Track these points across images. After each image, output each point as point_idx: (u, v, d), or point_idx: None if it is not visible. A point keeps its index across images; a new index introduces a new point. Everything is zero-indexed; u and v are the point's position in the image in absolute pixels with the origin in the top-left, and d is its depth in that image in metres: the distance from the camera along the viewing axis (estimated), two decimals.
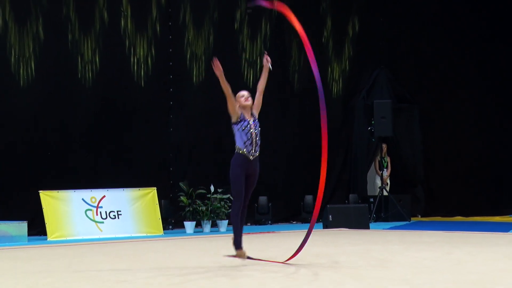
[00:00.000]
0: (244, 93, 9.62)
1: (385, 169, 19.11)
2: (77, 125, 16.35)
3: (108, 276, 9.10)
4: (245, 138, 9.28)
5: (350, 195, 19.03)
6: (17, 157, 15.65)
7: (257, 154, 9.41)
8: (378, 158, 19.19)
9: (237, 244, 9.56)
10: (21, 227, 14.48)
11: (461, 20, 20.93)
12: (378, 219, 18.64)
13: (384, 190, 18.91)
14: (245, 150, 9.29)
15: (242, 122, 9.33)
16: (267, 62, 9.60)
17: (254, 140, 9.33)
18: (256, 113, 9.59)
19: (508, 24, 22.00)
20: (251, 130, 9.34)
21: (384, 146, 19.12)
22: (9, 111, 15.67)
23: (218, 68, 9.48)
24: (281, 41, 18.99)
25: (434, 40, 20.55)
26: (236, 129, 9.38)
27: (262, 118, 9.61)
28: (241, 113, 9.38)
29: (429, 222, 18.61)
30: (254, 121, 9.45)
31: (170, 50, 17.36)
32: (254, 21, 18.35)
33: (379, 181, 19.13)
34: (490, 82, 21.46)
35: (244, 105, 9.49)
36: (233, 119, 9.43)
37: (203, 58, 17.67)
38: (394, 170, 19.53)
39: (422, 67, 20.41)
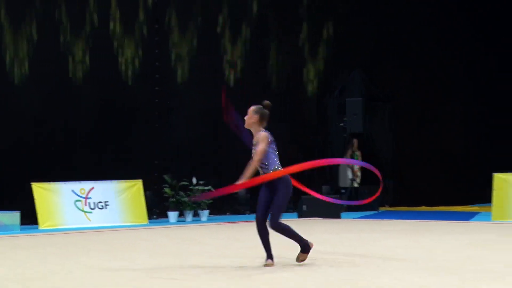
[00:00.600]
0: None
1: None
2: (68, 121, 16.22)
3: (95, 262, 9.02)
4: (276, 158, 8.48)
5: (323, 187, 19.02)
6: (10, 151, 15.48)
7: (263, 171, 8.47)
8: (350, 152, 19.16)
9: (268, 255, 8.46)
10: (14, 216, 14.43)
11: (432, 22, 20.97)
12: (349, 209, 18.62)
13: (354, 182, 18.98)
14: (279, 168, 8.44)
15: (273, 144, 8.43)
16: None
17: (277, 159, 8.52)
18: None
19: (482, 20, 22.00)
20: (276, 149, 8.53)
21: (355, 141, 19.14)
22: (4, 108, 15.52)
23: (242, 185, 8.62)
24: (260, 44, 18.86)
25: (408, 42, 20.60)
26: (269, 151, 8.35)
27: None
28: (269, 134, 8.41)
29: (397, 212, 18.63)
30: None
31: (156, 51, 17.28)
32: (235, 25, 18.31)
33: (350, 173, 19.16)
34: (458, 79, 21.56)
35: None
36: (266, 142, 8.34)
37: (187, 59, 17.65)
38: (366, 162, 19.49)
39: (396, 68, 20.39)
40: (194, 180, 16.16)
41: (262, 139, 8.24)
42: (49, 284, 7.34)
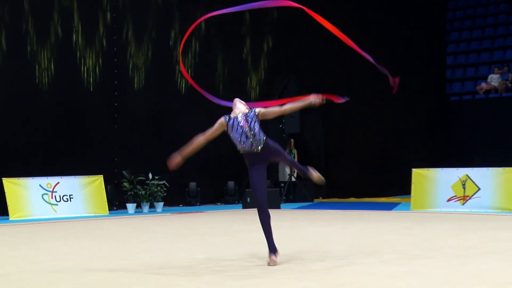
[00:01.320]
0: (238, 104, 7.43)
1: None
2: (36, 123, 16.11)
3: (60, 250, 9.12)
4: (237, 136, 7.08)
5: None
6: None
7: (261, 144, 7.08)
8: (287, 150, 19.34)
9: (273, 248, 7.20)
10: None
11: (358, 36, 21.16)
12: (287, 200, 18.83)
13: (292, 177, 19.13)
14: (244, 147, 7.09)
15: (229, 122, 7.17)
16: (317, 100, 7.88)
17: (248, 133, 7.07)
18: (256, 110, 7.31)
19: (403, 32, 22.39)
20: (240, 123, 7.10)
21: (292, 140, 19.31)
22: None
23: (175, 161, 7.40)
24: (208, 56, 18.96)
25: (335, 54, 20.75)
26: (229, 134, 7.21)
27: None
28: (224, 116, 7.27)
29: (329, 203, 18.84)
30: (247, 114, 7.20)
31: (115, 60, 17.27)
32: (186, 39, 18.33)
33: (288, 169, 19.32)
34: (381, 86, 21.76)
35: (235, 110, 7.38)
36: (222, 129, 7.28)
37: (143, 68, 17.69)
38: (301, 160, 19.71)
39: (325, 76, 20.60)
40: (150, 175, 16.24)
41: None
42: (15, 267, 7.46)
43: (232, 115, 7.22)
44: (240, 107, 7.32)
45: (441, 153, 22.58)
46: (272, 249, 7.14)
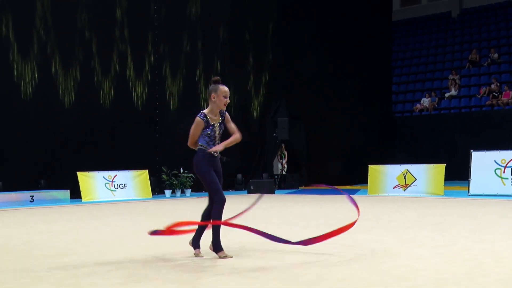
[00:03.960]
0: (228, 94, 5.59)
1: (283, 159, 19.29)
2: (100, 134, 16.01)
3: (117, 223, 9.14)
4: (207, 139, 5.57)
5: (263, 174, 19.16)
6: (58, 151, 15.31)
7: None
8: (279, 152, 19.36)
9: (217, 248, 5.53)
10: (65, 193, 14.46)
11: (326, 64, 21.30)
12: (280, 188, 18.82)
13: (283, 170, 19.14)
14: (208, 147, 5.56)
15: (205, 130, 5.56)
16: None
17: (215, 140, 5.60)
18: (226, 116, 5.71)
19: (364, 56, 22.42)
20: (216, 134, 5.59)
21: (283, 145, 19.30)
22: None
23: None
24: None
25: (312, 80, 20.84)
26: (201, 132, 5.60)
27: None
28: (206, 120, 5.54)
29: (310, 190, 18.76)
30: (220, 123, 5.62)
31: (157, 88, 17.24)
32: (207, 76, 18.38)
33: (280, 165, 19.32)
34: (351, 101, 21.92)
35: (221, 107, 5.59)
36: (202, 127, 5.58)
37: (177, 95, 17.60)
38: (288, 159, 19.71)
39: (309, 96, 20.60)
40: (181, 170, 16.25)
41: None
42: (84, 235, 7.45)
43: (211, 120, 5.56)
44: (216, 110, 5.60)
45: (389, 154, 22.62)
46: (220, 248, 5.51)
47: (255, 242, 6.39)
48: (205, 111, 5.61)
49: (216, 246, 5.54)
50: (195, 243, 5.69)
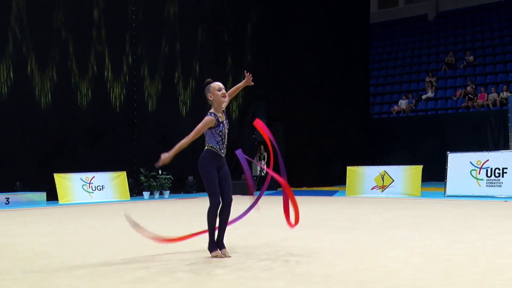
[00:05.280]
0: (221, 86, 5.66)
1: (262, 160, 19.29)
2: (78, 136, 15.92)
3: (96, 224, 9.06)
4: (218, 138, 5.50)
5: (242, 175, 19.07)
6: (38, 154, 15.17)
7: (225, 151, 5.66)
8: (258, 153, 19.36)
9: (212, 247, 5.52)
10: (42, 195, 14.32)
11: (315, 63, 21.43)
12: (258, 189, 18.77)
13: (262, 172, 19.13)
14: (217, 147, 5.49)
15: (217, 128, 5.49)
16: (249, 79, 6.21)
17: (225, 139, 5.59)
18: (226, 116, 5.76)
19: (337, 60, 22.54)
20: (225, 131, 5.59)
21: (261, 146, 19.30)
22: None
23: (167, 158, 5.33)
24: (202, 91, 18.77)
25: (291, 84, 20.93)
26: (210, 131, 5.49)
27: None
28: (216, 118, 5.49)
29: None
30: (226, 119, 5.66)
31: (135, 89, 17.19)
32: (187, 78, 18.34)
33: (258, 167, 19.31)
34: (330, 103, 22.05)
35: (221, 102, 5.58)
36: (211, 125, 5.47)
37: (155, 96, 17.56)
38: (268, 160, 19.72)
39: (287, 98, 20.69)
40: (160, 171, 16.17)
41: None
42: (64, 237, 7.39)
43: (220, 117, 5.56)
44: (220, 107, 5.63)
45: (367, 155, 22.77)
46: (214, 247, 5.54)
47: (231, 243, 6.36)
48: (212, 110, 5.57)
49: (210, 246, 5.55)
50: (220, 244, 5.59)
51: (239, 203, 7.00)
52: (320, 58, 22.07)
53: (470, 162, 13.93)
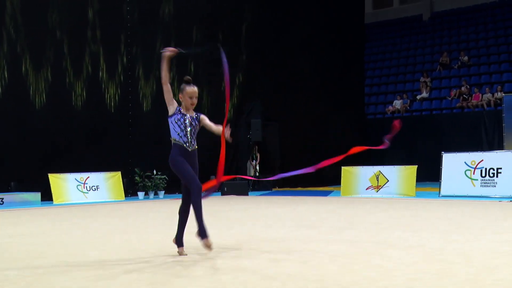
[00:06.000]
0: (194, 94, 5.73)
1: (255, 160, 19.30)
2: (72, 135, 15.86)
3: (90, 225, 9.03)
4: (178, 130, 5.53)
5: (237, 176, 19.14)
6: (34, 154, 15.11)
7: (195, 147, 5.60)
8: (252, 154, 19.36)
9: (203, 234, 5.46)
10: (36, 195, 14.29)
11: (310, 63, 21.44)
12: (253, 189, 18.82)
13: (256, 172, 19.13)
14: (180, 140, 5.51)
15: (175, 115, 5.58)
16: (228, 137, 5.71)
17: (188, 132, 5.55)
18: (200, 116, 5.77)
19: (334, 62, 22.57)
20: (186, 122, 5.58)
21: (256, 146, 19.32)
22: None
23: (170, 50, 5.94)
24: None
25: (288, 83, 20.95)
26: (170, 121, 5.60)
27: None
28: (178, 107, 5.66)
29: (283, 191, 18.86)
30: (193, 118, 5.67)
31: (130, 89, 17.15)
32: (181, 78, 18.33)
33: (252, 168, 19.31)
34: (325, 103, 22.07)
35: (188, 107, 5.68)
36: (170, 111, 5.65)
37: (150, 97, 17.55)
38: (262, 161, 19.72)
39: (282, 98, 20.70)
40: (154, 172, 16.16)
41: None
42: (57, 237, 7.37)
43: (183, 110, 5.65)
44: (189, 107, 5.70)
45: (361, 155, 22.72)
46: (206, 234, 5.45)
47: (228, 241, 6.36)
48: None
49: (201, 233, 5.45)
50: (179, 241, 5.67)
51: (233, 202, 6.98)
52: (315, 58, 22.10)
53: (465, 162, 13.97)
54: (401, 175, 14.83)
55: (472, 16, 28.16)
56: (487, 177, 13.60)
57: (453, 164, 14.15)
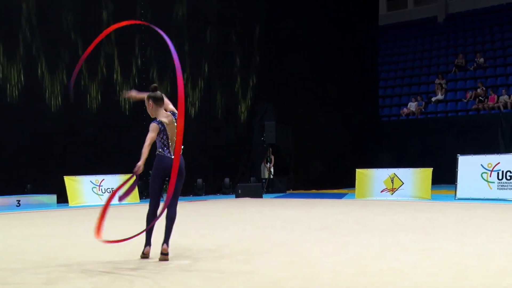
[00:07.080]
0: (148, 102, 5.99)
1: (269, 163, 19.29)
2: (87, 139, 15.90)
3: (104, 227, 9.06)
4: (165, 142, 5.81)
5: (251, 178, 19.16)
6: (46, 157, 15.17)
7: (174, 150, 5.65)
8: (266, 156, 19.35)
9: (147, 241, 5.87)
10: (52, 197, 14.36)
11: (324, 66, 21.42)
12: (267, 192, 18.80)
13: (270, 174, 19.12)
14: (164, 151, 5.84)
15: (160, 134, 5.79)
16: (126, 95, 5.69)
17: (172, 138, 5.78)
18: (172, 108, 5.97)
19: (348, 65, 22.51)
20: (171, 131, 5.77)
21: (270, 149, 19.30)
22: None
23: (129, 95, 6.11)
24: (209, 91, 18.92)
25: (303, 88, 20.91)
26: (157, 138, 5.82)
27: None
28: (159, 122, 5.80)
29: (297, 194, 18.77)
30: (175, 114, 5.89)
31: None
32: (195, 80, 18.35)
33: (266, 169, 19.29)
34: (339, 105, 22.02)
35: (151, 113, 5.99)
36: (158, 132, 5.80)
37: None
38: (276, 163, 19.71)
39: (296, 100, 20.67)
40: None
41: (151, 129, 5.76)
42: (69, 240, 7.39)
43: (163, 121, 5.77)
44: (167, 115, 5.84)
45: (376, 158, 22.68)
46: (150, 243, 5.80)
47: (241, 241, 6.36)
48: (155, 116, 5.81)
49: (146, 240, 5.80)
50: (147, 241, 5.85)
51: (247, 205, 6.98)
52: (329, 60, 22.05)
53: (481, 165, 13.85)
54: (416, 178, 14.73)
55: (487, 18, 27.94)
56: (504, 179, 13.47)
57: (469, 166, 14.03)
